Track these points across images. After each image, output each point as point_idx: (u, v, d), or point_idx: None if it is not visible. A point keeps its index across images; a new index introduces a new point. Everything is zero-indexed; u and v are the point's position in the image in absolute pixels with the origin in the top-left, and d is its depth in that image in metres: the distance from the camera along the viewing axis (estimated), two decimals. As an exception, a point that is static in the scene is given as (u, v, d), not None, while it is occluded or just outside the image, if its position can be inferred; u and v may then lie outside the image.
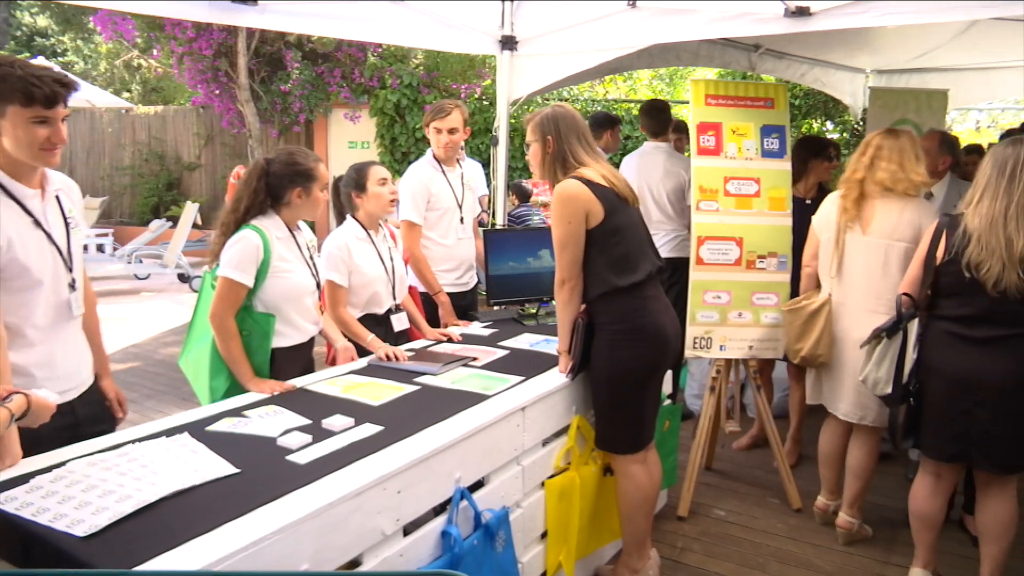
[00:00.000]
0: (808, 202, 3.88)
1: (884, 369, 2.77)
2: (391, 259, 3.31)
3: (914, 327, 2.77)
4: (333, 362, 3.04)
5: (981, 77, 7.00)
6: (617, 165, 4.37)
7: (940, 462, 2.82)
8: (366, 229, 3.25)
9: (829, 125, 9.68)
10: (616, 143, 5.04)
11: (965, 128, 12.73)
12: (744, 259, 3.56)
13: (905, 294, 2.79)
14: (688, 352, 3.61)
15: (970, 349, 2.64)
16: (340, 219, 3.33)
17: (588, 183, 2.66)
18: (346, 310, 3.16)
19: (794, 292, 3.58)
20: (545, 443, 2.71)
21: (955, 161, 4.20)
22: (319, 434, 2.16)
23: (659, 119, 4.66)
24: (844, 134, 9.37)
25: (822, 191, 3.93)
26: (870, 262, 3.13)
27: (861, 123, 6.90)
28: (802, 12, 3.08)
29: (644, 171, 4.55)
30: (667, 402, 3.34)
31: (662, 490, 3.45)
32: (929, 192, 3.74)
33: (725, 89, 3.63)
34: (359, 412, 2.34)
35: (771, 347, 3.63)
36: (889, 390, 2.77)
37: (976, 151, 5.46)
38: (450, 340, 3.31)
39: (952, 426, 2.70)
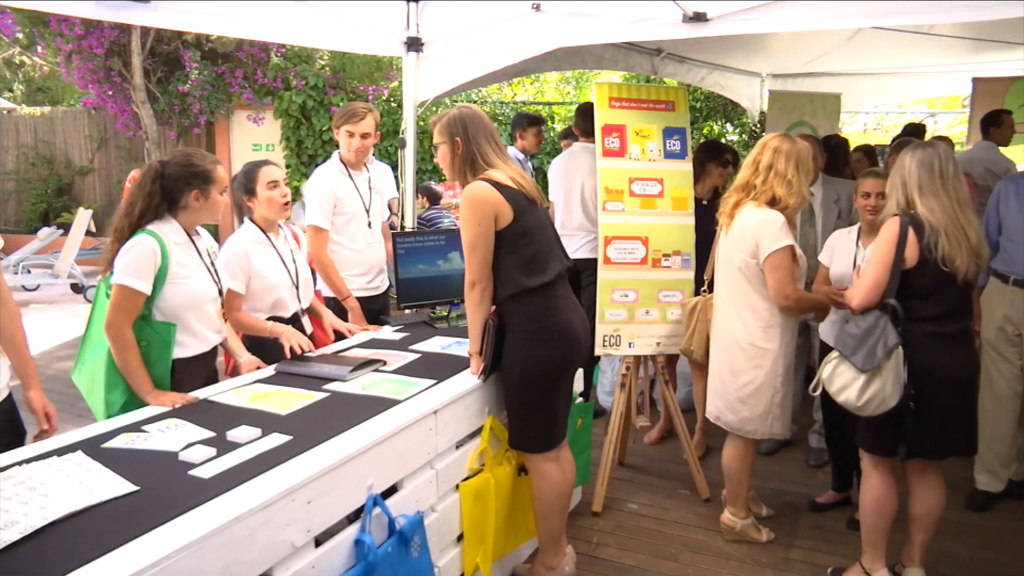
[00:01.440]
0: (704, 203, 4.01)
1: (891, 383, 2.65)
2: (294, 261, 3.23)
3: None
4: (234, 372, 2.94)
5: (867, 82, 7.42)
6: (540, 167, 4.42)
7: (934, 460, 2.85)
8: (265, 232, 3.16)
9: (729, 127, 10.04)
10: (538, 144, 5.10)
11: (853, 130, 13.45)
12: (650, 258, 3.66)
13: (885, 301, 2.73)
14: (598, 350, 3.67)
15: (948, 346, 2.72)
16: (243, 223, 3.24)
17: (497, 185, 2.66)
18: (241, 312, 3.07)
19: (697, 289, 3.70)
20: (459, 445, 2.70)
21: (841, 162, 4.45)
22: (224, 447, 2.09)
23: (591, 119, 4.69)
24: (743, 135, 9.74)
25: (717, 194, 4.07)
26: (727, 267, 3.23)
27: (759, 125, 7.19)
28: (699, 18, 3.19)
29: (570, 171, 4.61)
30: (579, 400, 3.38)
31: (576, 487, 3.50)
32: (809, 191, 3.92)
33: (628, 92, 3.71)
34: (266, 422, 2.28)
35: (677, 343, 3.73)
36: (894, 402, 2.66)
37: (862, 150, 5.78)
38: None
39: (950, 423, 2.75)
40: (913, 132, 5.88)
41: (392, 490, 2.36)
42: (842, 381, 2.72)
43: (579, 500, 3.65)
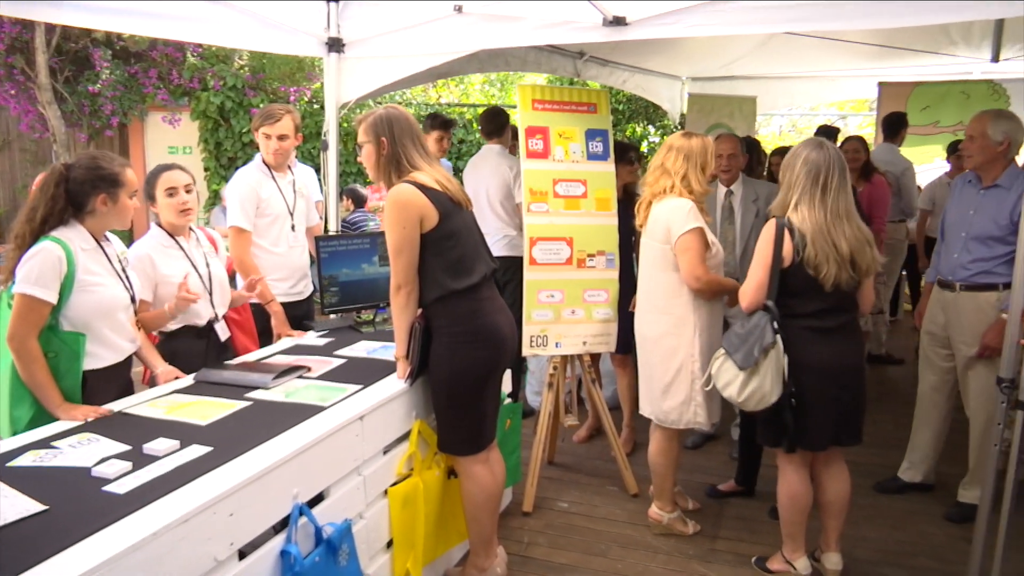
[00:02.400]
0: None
1: (770, 380, 2.77)
2: (207, 266, 3.14)
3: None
4: (151, 383, 2.84)
5: (781, 85, 7.68)
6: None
7: (816, 452, 2.97)
8: (173, 236, 3.06)
9: (651, 129, 10.24)
10: (441, 151, 5.04)
11: (769, 132, 13.91)
12: (575, 258, 3.70)
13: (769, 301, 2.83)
14: (525, 351, 3.69)
15: (826, 339, 2.84)
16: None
17: (422, 187, 2.65)
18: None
19: (622, 288, 3.76)
20: (386, 451, 2.68)
21: (755, 162, 4.59)
22: (140, 460, 2.02)
23: (494, 121, 4.76)
24: (665, 137, 9.94)
25: (627, 193, 4.15)
26: (646, 262, 3.33)
27: (680, 127, 7.36)
28: (619, 22, 3.24)
29: (476, 172, 4.64)
30: (507, 401, 3.39)
31: (507, 488, 3.51)
32: (729, 190, 4.04)
33: (551, 94, 3.75)
34: (185, 433, 2.21)
35: (604, 341, 3.79)
36: (774, 398, 2.79)
37: (781, 153, 5.98)
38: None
39: (828, 415, 2.87)
40: (826, 133, 6.12)
41: (319, 498, 2.32)
42: (726, 377, 2.84)
43: (509, 501, 3.66)
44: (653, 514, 3.48)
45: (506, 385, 3.29)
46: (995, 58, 5.56)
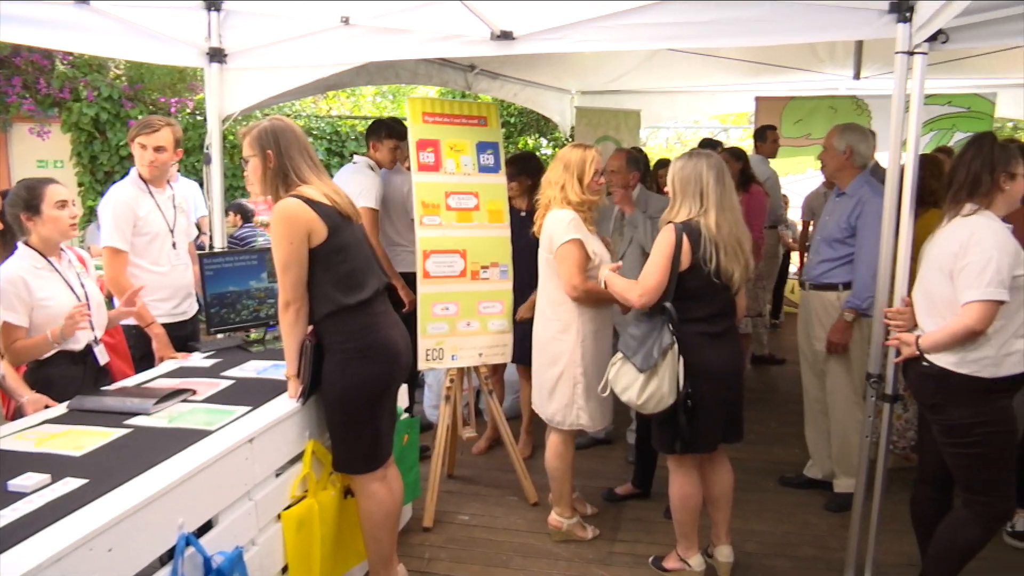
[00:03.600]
0: (523, 214, 4.13)
1: (668, 381, 2.83)
2: (82, 286, 2.98)
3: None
4: (17, 414, 2.64)
5: (665, 99, 7.97)
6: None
7: (709, 453, 3.07)
8: (45, 256, 2.89)
9: (544, 141, 10.41)
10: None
11: (656, 144, 14.41)
12: (468, 270, 3.71)
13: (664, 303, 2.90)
14: (421, 364, 3.67)
15: (717, 343, 2.94)
16: (4, 245, 2.92)
17: (309, 201, 2.60)
18: (18, 343, 2.78)
19: (517, 298, 3.80)
20: (279, 473, 2.60)
21: (644, 174, 4.74)
22: (5, 499, 1.88)
23: (375, 134, 4.75)
24: (557, 149, 10.13)
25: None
26: (539, 271, 3.40)
27: (570, 139, 7.51)
28: (506, 36, 3.28)
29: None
30: (404, 416, 3.36)
31: (406, 504, 3.47)
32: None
33: (441, 107, 3.76)
34: (57, 466, 2.07)
35: (500, 352, 3.81)
36: (671, 400, 2.85)
37: (664, 165, 6.20)
38: None
39: (718, 416, 2.97)
40: (708, 146, 6.39)
41: (207, 526, 2.22)
42: (625, 381, 2.91)
43: (409, 517, 3.62)
44: (553, 521, 3.52)
45: (402, 400, 3.26)
46: (857, 75, 5.98)
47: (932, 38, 2.65)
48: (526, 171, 4.16)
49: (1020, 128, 11.08)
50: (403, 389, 3.26)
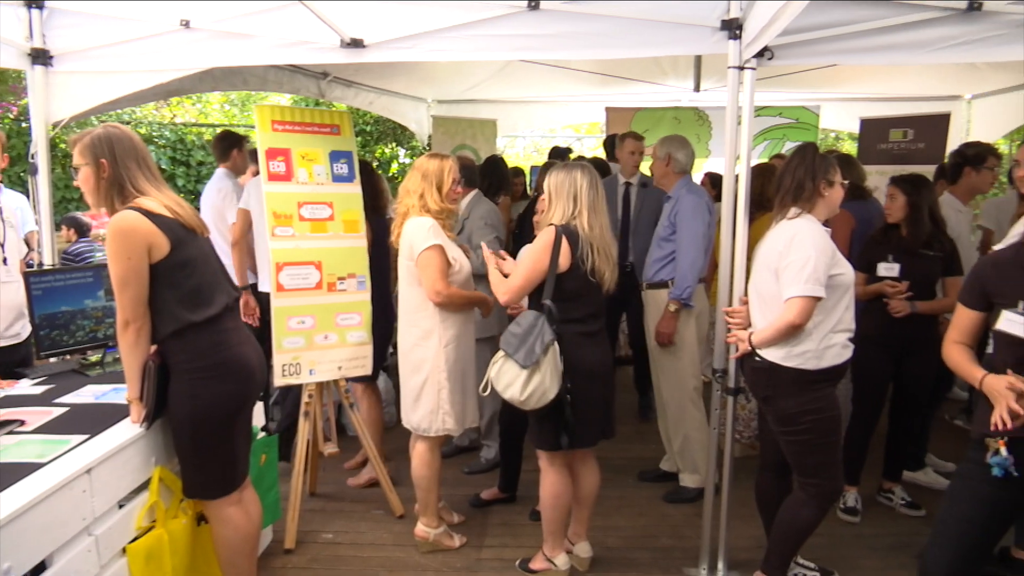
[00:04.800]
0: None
1: (549, 376, 2.88)
2: None
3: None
4: None
5: (520, 109, 8.14)
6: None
7: (587, 448, 3.16)
8: None
9: (401, 151, 10.34)
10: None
11: (514, 152, 14.66)
12: (325, 282, 3.62)
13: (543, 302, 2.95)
14: (278, 381, 3.55)
15: (592, 343, 3.04)
16: None
17: (148, 214, 2.45)
18: None
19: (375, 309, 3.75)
20: (122, 504, 2.44)
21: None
22: None
23: (218, 147, 4.86)
24: (415, 158, 10.09)
25: None
26: (400, 278, 3.40)
27: (427, 148, 7.50)
28: (357, 44, 3.23)
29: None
30: (261, 435, 3.23)
31: (266, 527, 3.34)
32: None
33: (291, 115, 3.65)
34: None
35: (360, 365, 3.74)
36: (553, 394, 2.90)
37: (520, 173, 6.37)
38: None
39: (596, 413, 3.06)
40: (558, 155, 6.58)
41: (40, 568, 2.05)
42: (507, 378, 2.93)
43: (270, 540, 3.48)
44: (419, 532, 3.49)
45: (258, 418, 3.13)
46: (697, 88, 6.35)
47: (759, 54, 2.85)
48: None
49: (841, 138, 12.13)
50: (258, 407, 3.13)
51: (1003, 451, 2.16)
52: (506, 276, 3.12)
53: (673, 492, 4.06)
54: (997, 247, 3.11)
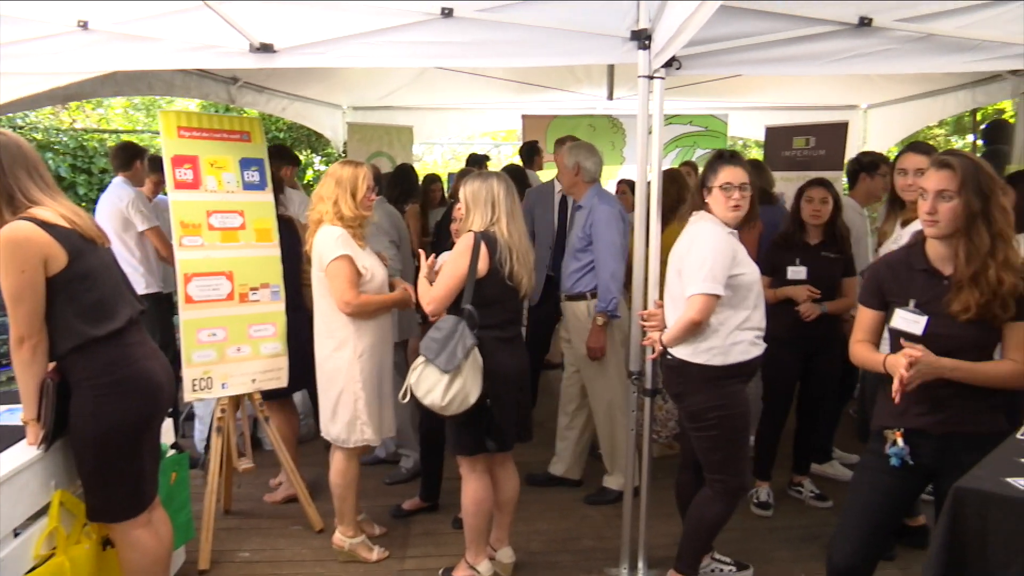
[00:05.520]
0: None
1: (471, 380, 2.89)
2: None
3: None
4: None
5: (437, 116, 8.13)
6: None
7: (506, 452, 3.17)
8: None
9: (316, 158, 10.17)
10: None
11: (432, 160, 14.62)
12: (236, 292, 3.52)
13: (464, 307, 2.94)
14: (189, 396, 3.43)
15: (509, 348, 3.05)
16: None
17: (44, 224, 2.33)
18: None
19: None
20: (18, 532, 2.30)
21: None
22: None
23: (120, 156, 4.72)
24: (330, 165, 9.93)
25: None
26: (314, 292, 3.35)
27: (343, 155, 7.40)
28: (266, 49, 3.15)
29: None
30: (171, 453, 3.11)
31: (177, 548, 3.21)
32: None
33: (199, 121, 3.54)
34: None
35: (274, 377, 3.65)
36: (474, 398, 2.90)
37: (435, 180, 6.37)
38: None
39: (513, 417, 3.07)
40: (475, 162, 6.60)
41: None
42: (428, 384, 2.91)
43: (183, 561, 3.36)
44: (336, 540, 3.45)
45: (167, 435, 3.02)
46: (610, 96, 6.47)
47: (668, 64, 2.93)
48: None
49: (749, 145, 12.59)
50: (168, 423, 3.01)
51: (900, 442, 2.28)
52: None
53: (596, 494, 4.12)
54: (884, 249, 3.30)
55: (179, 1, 3.03)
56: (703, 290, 2.75)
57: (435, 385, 2.89)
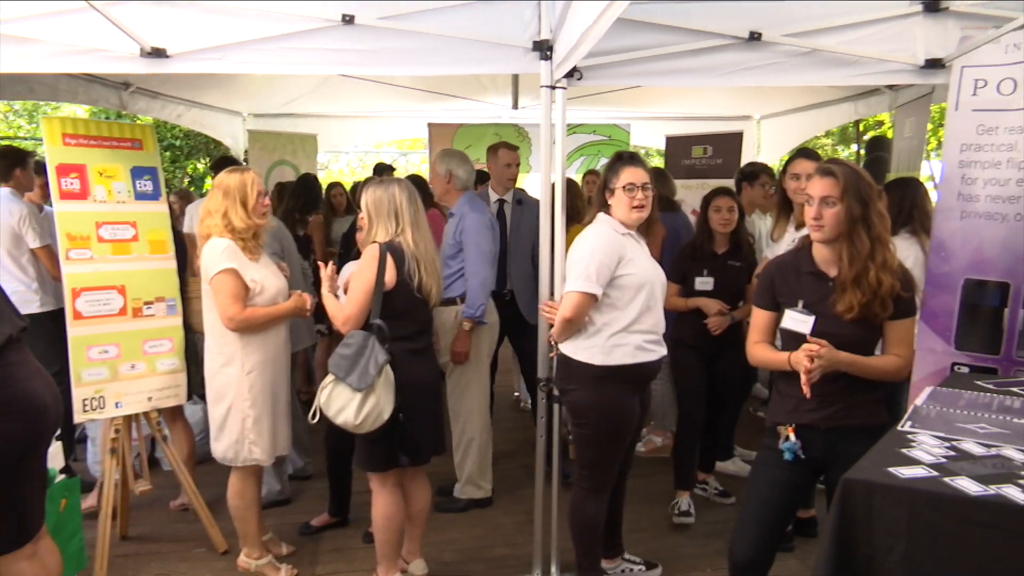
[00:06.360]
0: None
1: (384, 397, 2.83)
2: None
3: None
4: None
5: (342, 124, 8.02)
6: None
7: (420, 465, 3.12)
8: None
9: (216, 166, 9.84)
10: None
11: (338, 168, 14.40)
12: (129, 307, 3.37)
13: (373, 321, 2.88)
14: (79, 416, 3.26)
15: (420, 359, 3.02)
16: None
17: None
18: None
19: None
20: None
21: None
22: None
23: None
24: (216, 176, 9.63)
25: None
26: (204, 305, 3.25)
27: (245, 163, 7.20)
28: (159, 53, 3.04)
29: None
30: (60, 478, 2.94)
31: (68, 579, 3.03)
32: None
33: (86, 128, 3.37)
34: None
35: (172, 394, 3.51)
36: (388, 415, 2.84)
37: (336, 186, 6.30)
38: None
39: (428, 428, 3.04)
40: (380, 171, 6.54)
41: None
42: (340, 403, 2.84)
43: (72, 592, 3.17)
44: (241, 562, 3.34)
45: (56, 460, 2.85)
46: (515, 105, 6.54)
47: (569, 75, 2.99)
48: None
49: (651, 154, 12.95)
50: (56, 447, 2.85)
51: (792, 437, 2.39)
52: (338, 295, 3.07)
53: (445, 502, 4.07)
54: (773, 253, 3.45)
55: (62, 1, 2.89)
56: (575, 288, 2.81)
57: (347, 404, 2.83)
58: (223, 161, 4.92)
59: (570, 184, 4.40)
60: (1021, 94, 2.90)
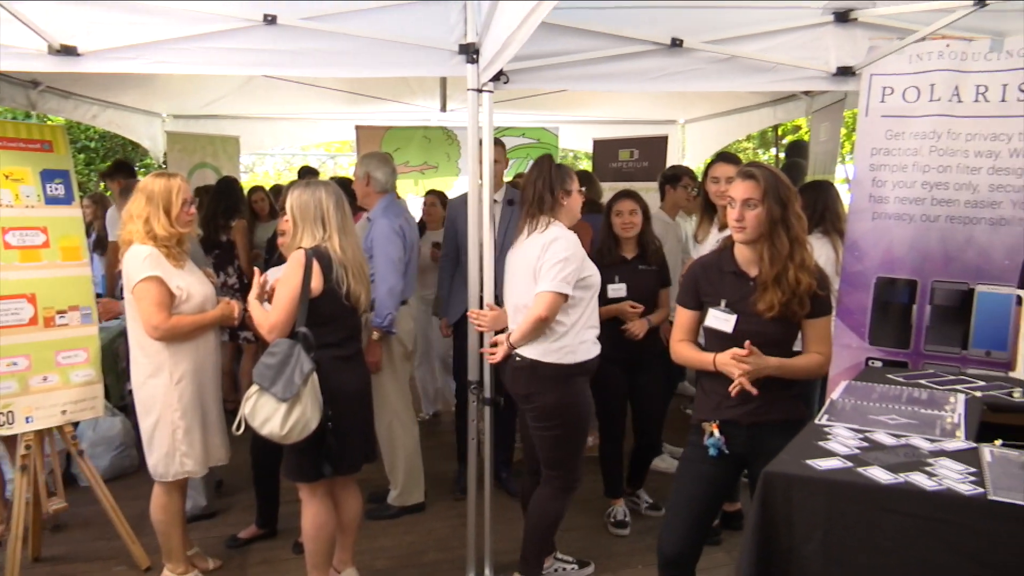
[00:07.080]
0: None
1: (310, 406, 2.76)
2: None
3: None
4: None
5: (266, 126, 7.86)
6: None
7: (351, 474, 3.06)
8: None
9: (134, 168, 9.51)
10: None
11: (264, 171, 14.09)
12: (40, 316, 3.22)
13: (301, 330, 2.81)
14: (-14, 433, 3.09)
15: (349, 366, 2.97)
16: None
17: None
18: None
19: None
20: None
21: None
22: None
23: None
24: (141, 179, 9.33)
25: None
26: (127, 315, 3.15)
27: (163, 166, 6.97)
28: (69, 51, 2.92)
29: None
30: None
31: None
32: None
33: (-10, 129, 3.21)
34: None
35: (89, 406, 3.37)
36: (315, 424, 2.79)
37: (259, 190, 6.17)
38: None
39: (358, 436, 3.00)
40: (307, 173, 6.43)
41: None
42: (265, 413, 2.77)
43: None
44: None
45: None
46: (443, 108, 6.52)
47: (496, 78, 3.00)
48: None
49: (579, 157, 13.11)
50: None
51: (716, 433, 2.45)
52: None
53: (377, 509, 4.03)
54: (697, 254, 3.54)
55: (-40, -4, 2.74)
56: (555, 288, 2.86)
57: (273, 414, 2.75)
58: (118, 166, 4.70)
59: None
60: (924, 102, 3.05)
